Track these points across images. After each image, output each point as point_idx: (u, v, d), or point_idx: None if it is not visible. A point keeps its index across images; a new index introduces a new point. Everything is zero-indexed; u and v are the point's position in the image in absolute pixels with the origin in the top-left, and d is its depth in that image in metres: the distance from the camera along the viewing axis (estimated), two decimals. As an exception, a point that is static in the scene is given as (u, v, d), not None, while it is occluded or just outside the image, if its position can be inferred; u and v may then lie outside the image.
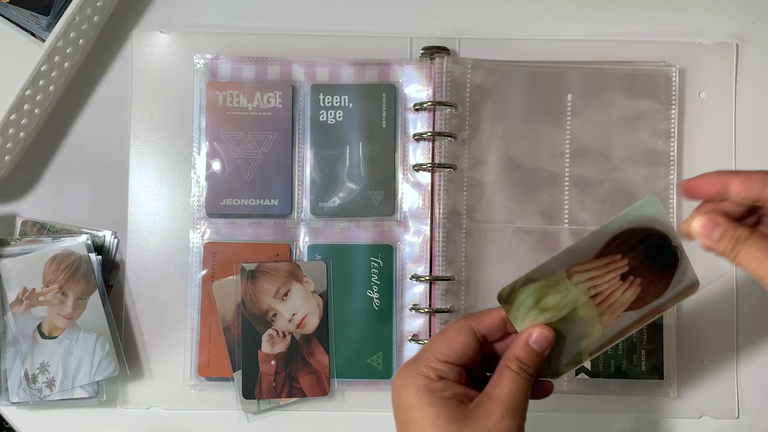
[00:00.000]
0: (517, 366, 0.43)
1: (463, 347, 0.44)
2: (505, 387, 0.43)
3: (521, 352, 0.44)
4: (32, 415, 0.62)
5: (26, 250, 0.61)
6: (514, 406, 0.43)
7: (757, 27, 0.65)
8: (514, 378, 0.43)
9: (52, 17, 0.60)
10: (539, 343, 0.44)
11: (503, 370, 0.43)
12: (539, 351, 0.44)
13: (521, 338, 0.44)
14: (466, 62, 0.62)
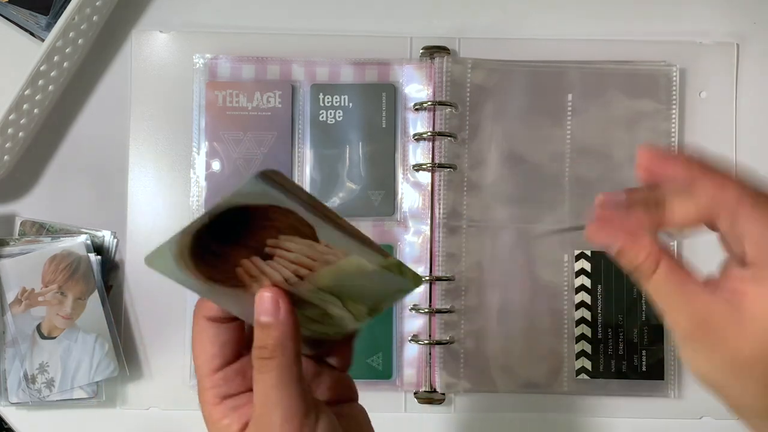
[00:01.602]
0: (256, 358, 0.33)
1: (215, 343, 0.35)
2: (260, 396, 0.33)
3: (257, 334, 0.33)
4: (31, 416, 0.62)
5: (25, 250, 0.61)
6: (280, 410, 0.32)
7: (757, 27, 0.65)
8: (257, 376, 0.33)
9: (51, 17, 0.60)
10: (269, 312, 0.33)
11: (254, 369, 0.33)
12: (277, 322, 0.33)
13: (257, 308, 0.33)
14: (466, 62, 0.62)
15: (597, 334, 0.62)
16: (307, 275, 0.34)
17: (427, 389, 0.61)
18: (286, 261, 0.33)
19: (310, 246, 0.33)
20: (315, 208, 0.32)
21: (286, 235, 0.33)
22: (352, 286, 0.35)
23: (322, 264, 0.34)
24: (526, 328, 0.62)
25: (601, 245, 0.34)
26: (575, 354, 0.62)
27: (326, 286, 0.35)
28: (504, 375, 0.62)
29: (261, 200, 0.31)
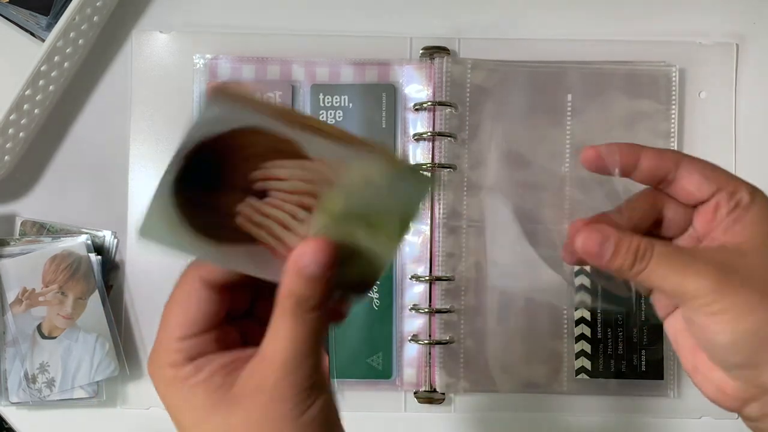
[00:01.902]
0: (293, 305, 0.31)
1: (202, 310, 0.32)
2: (280, 340, 0.31)
3: (296, 284, 0.31)
4: (32, 415, 0.62)
5: (26, 250, 0.61)
6: (295, 363, 0.30)
7: (757, 27, 0.65)
8: (291, 325, 0.31)
9: (51, 17, 0.60)
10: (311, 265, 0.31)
11: (277, 317, 0.31)
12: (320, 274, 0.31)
13: (291, 261, 0.31)
14: (466, 62, 0.62)
15: (597, 334, 0.62)
16: (314, 204, 0.30)
17: (427, 389, 0.61)
18: (284, 193, 0.29)
19: (302, 166, 0.29)
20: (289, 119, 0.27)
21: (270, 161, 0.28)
22: (369, 203, 0.31)
23: (323, 185, 0.29)
24: (526, 328, 0.62)
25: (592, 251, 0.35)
26: (575, 354, 0.62)
27: (341, 211, 0.30)
28: (504, 375, 0.62)
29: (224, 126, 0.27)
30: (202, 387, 0.32)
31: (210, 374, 0.32)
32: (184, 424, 0.32)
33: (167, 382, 0.33)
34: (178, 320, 0.33)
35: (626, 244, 0.34)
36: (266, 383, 0.31)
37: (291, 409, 0.31)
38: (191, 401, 0.32)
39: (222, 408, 0.31)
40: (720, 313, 0.32)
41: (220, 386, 0.31)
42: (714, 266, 0.33)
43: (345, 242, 0.31)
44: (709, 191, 0.35)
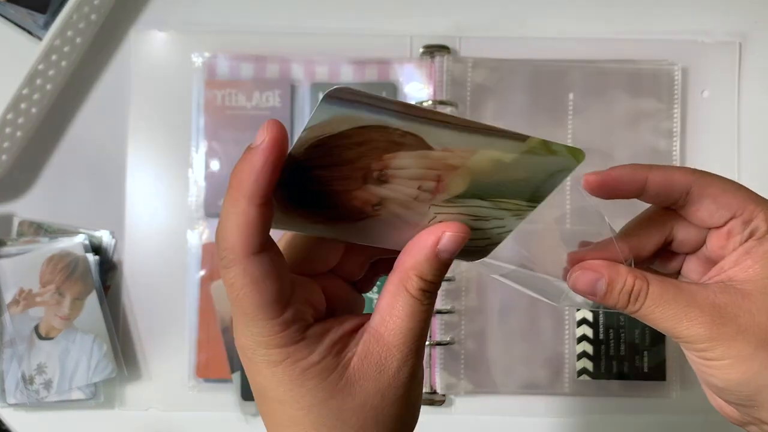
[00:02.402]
0: (418, 288, 0.30)
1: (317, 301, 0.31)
2: (400, 322, 0.29)
3: (425, 266, 0.30)
4: (29, 417, 0.62)
5: (23, 250, 0.61)
6: (415, 347, 0.30)
7: (760, 25, 0.64)
8: (414, 308, 0.30)
9: (49, 15, 0.59)
10: (451, 250, 0.30)
11: (398, 295, 0.30)
12: (450, 260, 0.30)
13: (422, 244, 0.30)
14: (466, 61, 0.62)
15: (598, 335, 0.61)
16: (435, 187, 0.29)
17: (428, 390, 0.61)
18: (404, 179, 0.29)
19: (424, 156, 0.28)
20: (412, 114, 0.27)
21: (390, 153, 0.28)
22: (495, 184, 0.30)
23: (447, 171, 0.29)
24: (527, 329, 0.61)
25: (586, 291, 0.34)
26: (576, 355, 0.61)
27: (463, 192, 0.30)
28: (505, 376, 0.61)
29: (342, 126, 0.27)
30: (314, 370, 0.29)
31: (322, 356, 0.29)
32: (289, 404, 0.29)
33: (274, 363, 0.29)
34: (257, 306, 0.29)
35: (620, 285, 0.33)
36: (387, 367, 0.30)
37: (406, 391, 0.30)
38: (304, 386, 0.29)
39: (337, 394, 0.29)
40: (714, 360, 0.32)
41: (332, 369, 0.29)
42: (710, 313, 0.32)
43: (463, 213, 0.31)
44: (722, 219, 0.33)
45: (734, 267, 0.33)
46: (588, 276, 0.33)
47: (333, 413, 0.29)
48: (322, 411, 0.29)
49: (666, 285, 0.33)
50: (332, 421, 0.29)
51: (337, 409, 0.29)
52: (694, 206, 0.34)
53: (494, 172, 0.30)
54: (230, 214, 0.28)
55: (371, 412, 0.30)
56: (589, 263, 0.34)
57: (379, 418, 0.30)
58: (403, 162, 0.28)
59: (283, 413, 0.30)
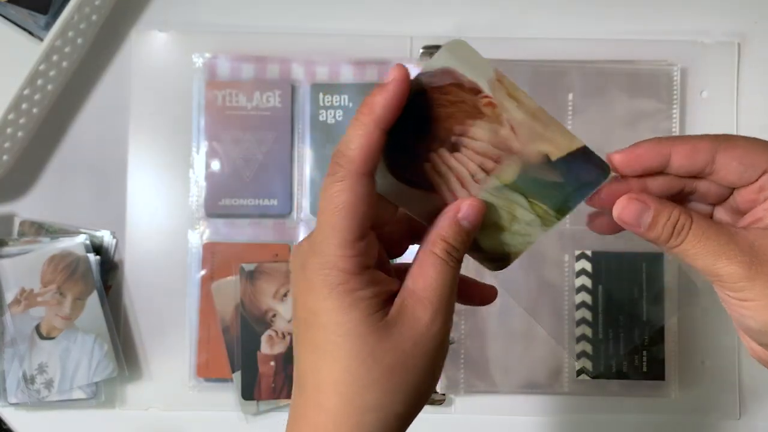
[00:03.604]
0: (443, 250, 0.34)
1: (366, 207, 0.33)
2: (431, 279, 0.34)
3: (449, 231, 0.34)
4: (30, 416, 0.62)
5: (24, 250, 0.61)
6: (444, 304, 0.34)
7: (759, 26, 0.65)
8: (441, 267, 0.34)
9: (50, 16, 0.59)
10: (470, 218, 0.34)
11: (426, 258, 0.34)
12: (470, 229, 0.34)
13: (446, 215, 0.34)
14: (466, 61, 0.62)
15: (598, 335, 0.61)
16: (492, 168, 0.34)
17: (428, 390, 0.61)
18: (472, 152, 0.34)
19: (495, 131, 0.33)
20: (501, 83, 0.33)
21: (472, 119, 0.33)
22: (537, 181, 0.34)
23: (506, 153, 0.34)
24: (527, 329, 0.62)
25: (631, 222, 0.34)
26: (576, 354, 0.61)
27: (511, 181, 0.34)
28: (504, 375, 0.61)
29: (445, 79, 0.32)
30: (365, 304, 0.32)
31: (372, 295, 0.33)
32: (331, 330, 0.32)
33: (332, 285, 0.32)
34: (345, 221, 0.32)
35: (665, 217, 0.33)
36: (420, 319, 0.33)
37: (437, 344, 0.34)
38: (349, 315, 0.32)
39: (376, 332, 0.32)
40: (749, 300, 0.32)
41: (375, 311, 0.33)
42: (749, 253, 0.32)
43: (504, 207, 0.35)
44: (753, 177, 0.34)
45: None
46: (635, 206, 0.34)
47: (368, 347, 0.32)
48: (360, 342, 0.32)
49: (708, 222, 0.33)
50: (366, 355, 0.32)
51: (373, 345, 0.32)
52: (722, 171, 0.34)
53: (539, 168, 0.34)
54: (357, 132, 0.33)
55: (402, 357, 0.33)
56: (638, 194, 0.34)
57: (408, 365, 0.33)
58: (477, 132, 0.34)
59: (323, 338, 0.32)
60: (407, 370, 0.33)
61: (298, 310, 0.34)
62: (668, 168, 0.34)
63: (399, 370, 0.33)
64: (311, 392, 0.33)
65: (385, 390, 0.33)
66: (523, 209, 0.35)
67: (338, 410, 0.33)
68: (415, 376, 0.33)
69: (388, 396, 0.33)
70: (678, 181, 0.35)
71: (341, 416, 0.32)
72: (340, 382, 0.32)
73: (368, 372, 0.32)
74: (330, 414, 0.33)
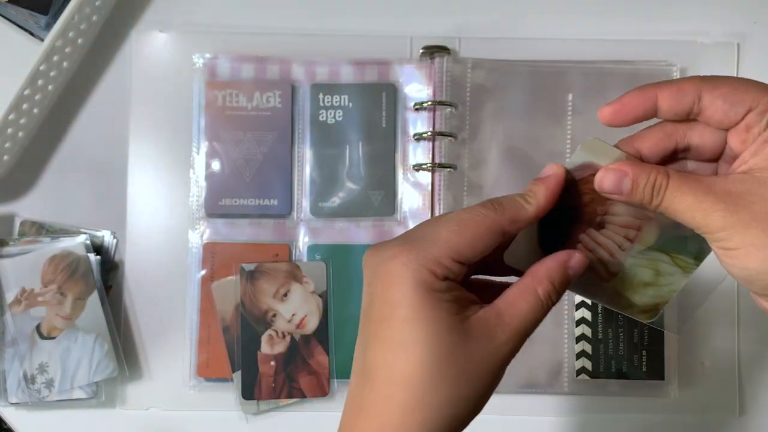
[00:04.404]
0: (545, 290, 0.36)
1: (485, 249, 0.35)
2: (522, 309, 0.35)
3: (556, 274, 0.36)
4: (31, 416, 0.62)
5: (25, 250, 0.61)
6: (523, 332, 0.36)
7: (758, 26, 0.65)
8: (537, 303, 0.36)
9: (50, 16, 0.59)
10: (576, 269, 0.36)
11: (527, 291, 0.36)
12: (572, 279, 0.37)
13: (557, 258, 0.36)
14: (466, 61, 0.62)
15: (597, 334, 0.61)
16: (635, 236, 0.38)
17: (427, 389, 0.61)
18: (616, 227, 0.38)
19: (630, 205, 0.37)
20: None
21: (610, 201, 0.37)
22: (674, 238, 0.38)
23: (645, 221, 0.38)
24: (527, 329, 0.62)
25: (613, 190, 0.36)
26: (575, 354, 0.61)
27: (653, 243, 0.38)
28: (504, 375, 0.61)
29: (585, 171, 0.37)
30: (445, 307, 0.34)
31: (455, 298, 0.34)
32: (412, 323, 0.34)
33: (420, 281, 0.34)
34: (461, 244, 0.35)
35: (644, 179, 0.35)
36: (498, 337, 0.35)
37: (500, 368, 0.35)
38: (433, 312, 0.34)
39: (452, 333, 0.34)
40: (731, 249, 0.33)
41: (455, 314, 0.34)
42: (725, 200, 0.33)
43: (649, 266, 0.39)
44: (738, 115, 0.34)
45: (754, 157, 0.34)
46: (614, 175, 0.36)
47: (445, 347, 0.33)
48: (438, 340, 0.33)
49: (685, 177, 0.34)
50: (443, 354, 0.33)
51: (450, 346, 0.34)
52: (709, 110, 0.34)
53: (674, 228, 0.37)
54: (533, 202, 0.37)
55: (472, 366, 0.34)
56: (613, 165, 0.36)
57: (478, 374, 0.34)
58: (617, 209, 0.38)
59: (401, 332, 0.34)
60: (476, 378, 0.34)
61: (375, 303, 0.35)
62: (658, 112, 0.36)
63: (469, 375, 0.34)
64: (381, 384, 0.34)
65: (452, 392, 0.34)
66: (667, 264, 0.38)
67: (407, 404, 0.33)
68: (481, 384, 0.35)
69: (455, 398, 0.34)
70: (669, 137, 0.36)
71: (409, 411, 0.33)
72: (413, 377, 0.33)
73: (441, 371, 0.33)
74: (399, 407, 0.33)
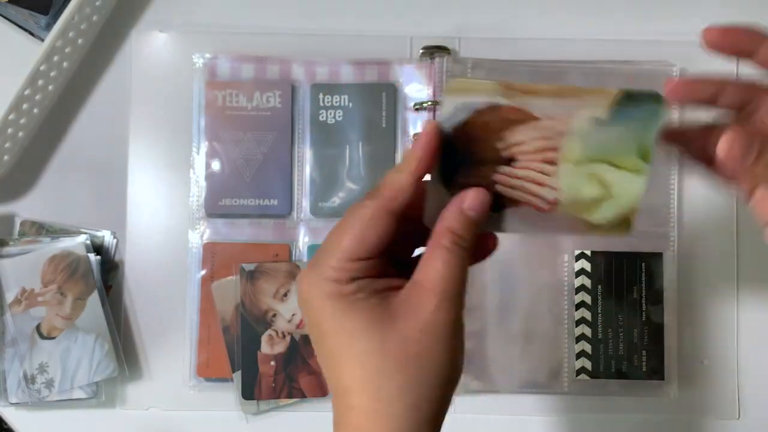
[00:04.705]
0: (450, 241, 0.35)
1: (378, 237, 0.35)
2: (436, 270, 0.34)
3: (455, 222, 0.35)
4: (31, 416, 0.62)
5: (25, 250, 0.61)
6: (450, 293, 0.34)
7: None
8: (447, 257, 0.34)
9: (51, 17, 0.60)
10: (475, 207, 0.35)
11: (433, 250, 0.35)
12: (476, 218, 0.35)
13: (452, 206, 0.35)
14: (466, 62, 0.62)
15: (597, 334, 0.61)
16: (556, 156, 0.34)
17: (427, 389, 0.61)
18: (528, 154, 0.35)
19: (535, 127, 0.34)
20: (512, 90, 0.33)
21: (507, 130, 0.34)
22: (603, 142, 0.34)
23: (559, 138, 0.34)
24: (526, 328, 0.62)
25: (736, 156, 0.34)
26: (575, 354, 0.62)
27: (581, 156, 0.35)
28: (504, 375, 0.62)
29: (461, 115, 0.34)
30: (361, 304, 0.34)
31: (369, 294, 0.34)
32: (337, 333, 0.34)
33: (326, 294, 0.34)
34: (352, 242, 0.35)
35: None
36: (424, 307, 0.34)
37: (446, 333, 0.34)
38: (349, 315, 0.34)
39: (379, 325, 0.34)
40: None
41: (376, 306, 0.34)
42: None
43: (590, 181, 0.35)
44: None
45: None
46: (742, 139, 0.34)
47: (376, 342, 0.33)
48: (365, 338, 0.33)
49: None
50: (375, 349, 0.33)
51: (380, 338, 0.33)
52: None
53: (597, 132, 0.34)
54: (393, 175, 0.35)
55: (412, 347, 0.33)
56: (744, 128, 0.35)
57: (421, 353, 0.33)
58: (519, 137, 0.34)
59: (333, 344, 0.34)
60: (420, 357, 0.33)
61: (311, 329, 0.36)
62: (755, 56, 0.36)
63: (412, 358, 0.33)
64: (340, 397, 0.35)
65: (404, 379, 0.33)
66: (611, 172, 0.35)
67: (366, 407, 0.33)
68: (431, 361, 0.34)
69: (409, 385, 0.33)
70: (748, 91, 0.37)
71: (371, 412, 0.33)
72: (359, 380, 0.34)
73: (382, 364, 0.33)
74: (361, 412, 0.34)
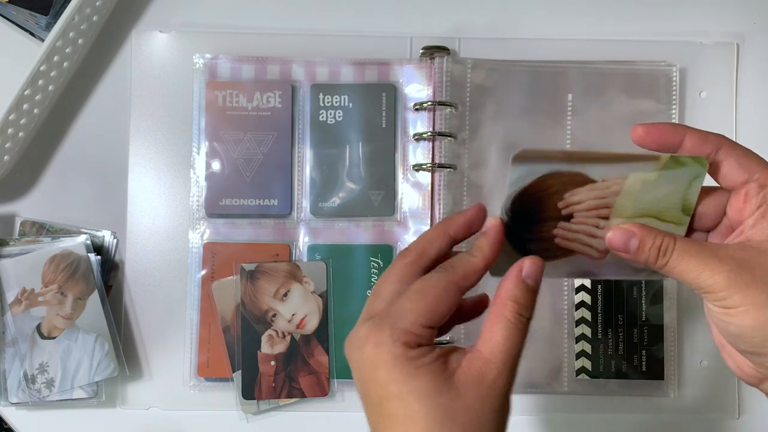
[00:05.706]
0: (513, 311, 0.37)
1: (448, 309, 0.37)
2: (499, 343, 0.37)
3: (516, 291, 0.37)
4: (31, 416, 0.62)
5: (25, 250, 0.61)
6: (510, 363, 0.37)
7: (757, 27, 0.65)
8: (510, 329, 0.37)
9: (51, 17, 0.60)
10: (533, 275, 0.38)
11: (497, 320, 0.37)
12: (534, 286, 0.38)
13: (510, 275, 0.38)
14: (466, 62, 0.62)
15: (597, 334, 0.62)
16: (608, 212, 0.39)
17: (427, 389, 0.61)
18: (584, 212, 0.39)
19: (592, 188, 0.38)
20: (573, 158, 0.38)
21: (568, 192, 0.38)
22: (653, 200, 0.39)
23: (612, 196, 0.38)
24: (526, 328, 0.62)
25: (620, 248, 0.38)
26: (575, 354, 0.62)
27: (633, 212, 0.39)
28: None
29: (529, 178, 0.37)
30: (428, 369, 0.36)
31: (434, 360, 0.36)
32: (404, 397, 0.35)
33: (396, 356, 0.36)
34: (427, 310, 0.37)
35: (650, 241, 0.37)
36: (486, 378, 0.36)
37: (503, 402, 0.36)
38: (418, 380, 0.35)
39: (445, 392, 0.35)
40: (731, 308, 0.35)
41: (441, 373, 0.36)
42: (729, 264, 0.36)
43: None
44: (741, 179, 0.38)
45: (752, 229, 0.37)
46: (622, 235, 0.38)
47: (442, 409, 0.35)
48: (433, 404, 0.35)
49: (690, 242, 0.38)
50: (442, 415, 0.35)
51: (445, 406, 0.35)
52: (721, 164, 0.38)
53: (647, 190, 0.38)
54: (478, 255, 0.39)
55: (474, 415, 0.35)
56: (625, 226, 0.39)
57: (481, 422, 0.35)
58: (578, 197, 0.38)
59: (399, 407, 0.35)
60: (481, 427, 0.35)
61: (369, 387, 0.37)
62: (681, 148, 0.39)
63: (475, 424, 0.35)
64: None
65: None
66: (657, 224, 0.39)
67: None
68: (490, 423, 0.36)
69: None
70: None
71: None
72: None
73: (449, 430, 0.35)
74: None
